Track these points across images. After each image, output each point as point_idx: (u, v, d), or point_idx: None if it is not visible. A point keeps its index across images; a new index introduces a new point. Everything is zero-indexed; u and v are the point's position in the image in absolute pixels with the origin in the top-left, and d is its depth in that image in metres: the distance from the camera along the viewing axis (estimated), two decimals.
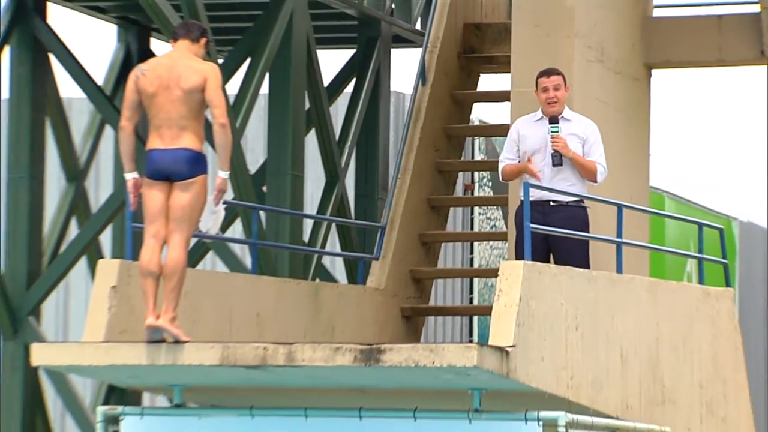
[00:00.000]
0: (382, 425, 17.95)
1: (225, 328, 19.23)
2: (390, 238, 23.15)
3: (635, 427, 19.12)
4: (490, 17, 24.08)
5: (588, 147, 20.21)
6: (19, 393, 23.36)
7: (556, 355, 18.08)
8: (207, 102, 17.99)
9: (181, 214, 17.73)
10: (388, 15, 24.98)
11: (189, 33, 18.96)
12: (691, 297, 21.92)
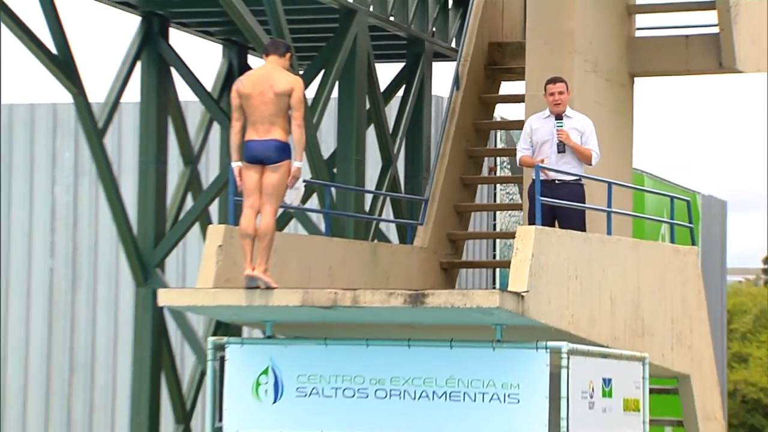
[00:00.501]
0: (425, 353, 18.17)
1: (305, 278, 19.47)
2: (431, 209, 23.35)
3: (621, 353, 19.30)
4: (509, 37, 24.25)
5: (585, 138, 20.41)
6: (148, 328, 23.51)
7: (559, 299, 18.26)
8: (291, 106, 18.32)
9: (270, 190, 18.06)
10: (430, 36, 25.10)
11: (277, 50, 19.23)
12: (664, 253, 22.13)
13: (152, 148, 23.59)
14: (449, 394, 17.88)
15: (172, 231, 23.93)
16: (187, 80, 24.03)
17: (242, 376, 18.73)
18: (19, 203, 30.62)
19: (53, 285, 30.54)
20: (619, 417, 18.98)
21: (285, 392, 18.44)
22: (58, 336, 30.38)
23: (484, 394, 17.86)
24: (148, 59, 23.69)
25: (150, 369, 23.59)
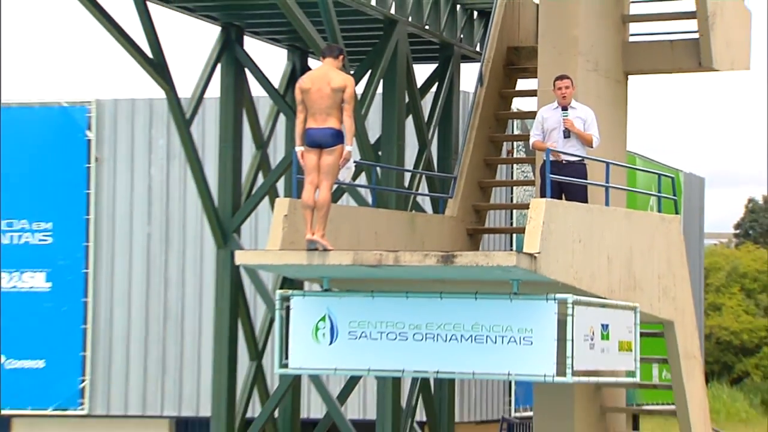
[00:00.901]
0: (454, 303, 18.24)
1: (355, 242, 19.45)
2: (459, 184, 23.28)
3: (616, 304, 19.26)
4: (524, 42, 24.16)
5: (587, 125, 20.35)
6: (227, 283, 23.47)
7: (565, 258, 18.23)
8: (344, 99, 18.40)
9: (327, 169, 18.12)
10: (458, 42, 24.99)
11: (332, 53, 19.26)
12: (652, 221, 22.16)
13: (230, 135, 23.60)
14: (474, 337, 18.05)
15: (246, 203, 23.93)
16: (259, 79, 23.98)
17: (304, 323, 18.86)
18: (123, 181, 30.62)
19: (150, 248, 30.54)
20: (614, 356, 19.05)
21: (339, 336, 18.58)
22: (154, 290, 30.36)
23: (503, 337, 18.01)
24: (226, 62, 23.68)
25: (229, 316, 23.58)
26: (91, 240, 30.60)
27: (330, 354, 18.90)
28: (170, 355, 30.15)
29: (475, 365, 18.47)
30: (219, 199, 23.66)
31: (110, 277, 30.63)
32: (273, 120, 24.62)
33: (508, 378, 21.21)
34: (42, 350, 30.53)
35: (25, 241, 30.74)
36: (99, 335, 30.48)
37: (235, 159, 23.82)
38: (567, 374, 17.81)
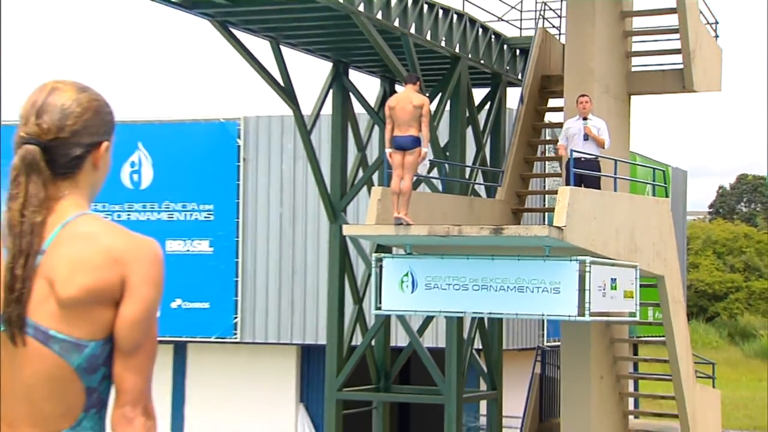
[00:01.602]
0: (503, 263, 18.28)
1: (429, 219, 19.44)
2: (506, 176, 23.09)
3: (622, 263, 19.08)
4: (554, 72, 23.89)
5: (600, 132, 20.18)
6: (337, 248, 23.37)
7: (584, 230, 18.09)
8: (422, 114, 18.23)
9: (408, 166, 17.99)
10: (505, 72, 24.70)
11: (412, 80, 19.14)
12: (649, 203, 22.08)
13: (338, 141, 23.66)
14: (517, 287, 18.41)
15: (350, 190, 23.89)
16: (359, 100, 23.88)
17: (392, 277, 19.08)
18: (262, 176, 30.54)
19: (282, 223, 30.45)
20: (620, 301, 19.25)
21: (417, 287, 18.85)
22: (285, 253, 30.29)
23: (538, 288, 18.28)
24: (336, 88, 23.58)
25: (338, 272, 23.48)
26: (240, 217, 30.67)
27: (411, 300, 19.26)
28: (297, 300, 30.07)
29: (517, 308, 18.97)
30: (331, 188, 23.53)
31: (254, 244, 30.61)
32: (369, 130, 24.52)
33: (542, 318, 21.80)
34: (207, 296, 30.64)
35: (195, 218, 30.83)
36: (246, 285, 30.46)
37: (342, 158, 23.76)
38: (585, 315, 18.34)
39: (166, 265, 4.24)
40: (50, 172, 4.20)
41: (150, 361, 4.17)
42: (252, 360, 31.12)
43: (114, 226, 4.29)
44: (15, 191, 4.17)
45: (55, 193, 4.23)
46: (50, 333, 4.08)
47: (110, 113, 4.37)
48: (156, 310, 4.21)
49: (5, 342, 4.08)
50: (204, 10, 20.49)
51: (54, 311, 4.09)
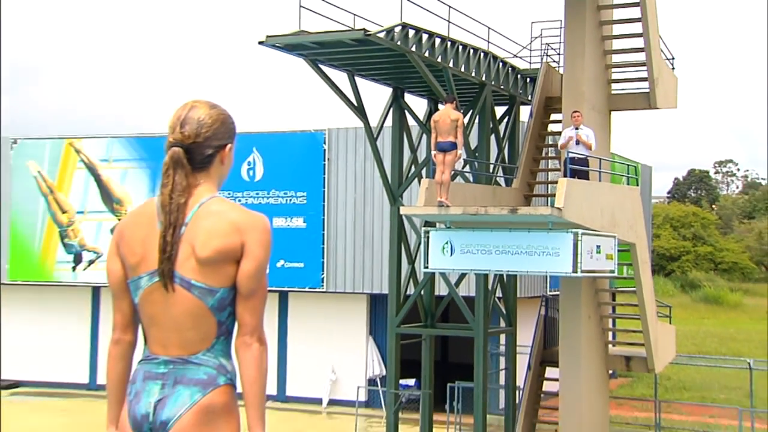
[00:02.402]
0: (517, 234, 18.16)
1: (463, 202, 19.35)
2: (520, 171, 22.96)
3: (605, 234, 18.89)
4: (555, 94, 23.73)
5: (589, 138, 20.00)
6: (396, 224, 23.39)
7: (578, 210, 17.94)
8: (458, 126, 18.13)
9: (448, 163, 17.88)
10: (519, 94, 24.49)
11: (450, 100, 19.02)
12: (624, 190, 21.84)
13: (396, 145, 23.70)
14: (527, 252, 18.42)
15: (405, 181, 23.81)
16: (412, 115, 23.78)
17: (436, 245, 19.04)
18: (341, 171, 30.55)
19: (356, 205, 30.37)
20: (603, 262, 19.11)
21: (455, 252, 18.85)
22: (358, 227, 30.32)
23: (543, 252, 18.24)
24: (395, 106, 23.60)
25: (397, 241, 23.53)
26: (325, 201, 30.69)
27: (450, 261, 19.26)
28: (367, 261, 30.03)
29: (528, 267, 18.90)
30: (391, 179, 23.49)
31: (335, 221, 30.60)
32: (419, 137, 24.43)
33: (545, 274, 21.62)
34: (302, 257, 30.67)
35: (293, 202, 30.85)
36: (330, 250, 30.42)
37: (399, 158, 23.73)
38: (578, 272, 18.31)
39: (272, 235, 4.46)
40: (190, 167, 4.50)
41: (262, 303, 4.45)
42: (334, 304, 31.16)
43: (236, 205, 4.54)
44: (165, 180, 4.44)
45: (193, 182, 4.49)
46: (192, 282, 4.37)
47: (232, 123, 4.65)
48: (266, 267, 4.46)
49: (160, 289, 4.38)
50: (300, 52, 20.48)
51: (194, 267, 4.36)
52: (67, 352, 34.05)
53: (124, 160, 33.16)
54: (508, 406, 24.29)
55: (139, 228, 4.47)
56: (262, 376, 4.34)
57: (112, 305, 4.58)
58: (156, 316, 4.41)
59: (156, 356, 4.43)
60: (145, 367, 4.44)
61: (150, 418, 4.32)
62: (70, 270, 33.77)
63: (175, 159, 4.43)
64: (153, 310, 4.41)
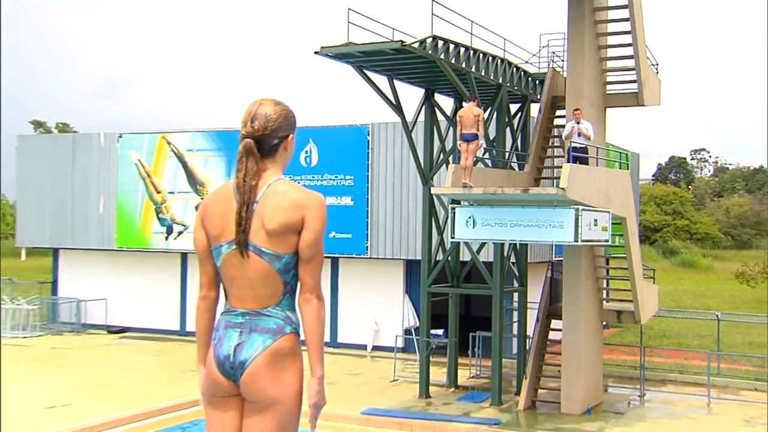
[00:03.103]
0: (528, 210, 17.83)
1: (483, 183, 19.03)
2: (530, 158, 22.71)
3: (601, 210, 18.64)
4: (560, 93, 23.37)
5: (588, 130, 19.75)
6: (428, 201, 23.22)
7: (579, 190, 17.71)
8: (479, 120, 17.95)
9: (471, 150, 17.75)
10: (530, 94, 24.21)
11: (472, 99, 18.84)
12: (617, 173, 21.43)
13: (428, 136, 23.45)
14: (537, 225, 18.00)
15: (435, 166, 23.72)
16: (441, 112, 23.55)
17: (461, 219, 18.73)
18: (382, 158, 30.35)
19: (394, 185, 30.00)
20: (599, 232, 18.71)
21: (476, 224, 18.49)
22: (396, 203, 30.13)
23: (550, 224, 17.84)
24: (426, 104, 23.43)
25: (428, 216, 23.37)
26: (369, 183, 30.44)
27: (472, 232, 18.90)
28: (403, 232, 29.88)
29: (537, 237, 18.68)
30: (423, 164, 23.35)
31: (377, 199, 30.39)
32: (447, 130, 24.11)
33: (552, 243, 20.90)
34: (350, 229, 30.59)
35: (342, 184, 30.68)
36: (372, 223, 30.28)
37: (430, 147, 23.55)
38: (578, 241, 17.85)
39: (327, 211, 4.50)
40: (260, 155, 4.53)
41: (319, 267, 4.51)
42: (376, 268, 31.08)
43: (297, 185, 4.55)
44: (240, 166, 4.48)
45: (262, 167, 4.53)
46: (262, 250, 4.43)
47: (294, 118, 4.66)
48: (322, 237, 4.51)
49: (237, 255, 4.45)
50: (348, 59, 20.43)
51: (264, 237, 4.41)
52: (162, 305, 34.37)
53: (206, 150, 33.24)
54: (520, 352, 24.20)
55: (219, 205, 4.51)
56: (320, 326, 4.45)
57: (198, 268, 4.68)
58: (234, 277, 4.49)
59: (235, 309, 4.52)
60: (226, 317, 4.54)
61: (231, 358, 4.43)
62: (164, 239, 33.98)
63: (247, 148, 4.46)
64: (232, 272, 4.49)
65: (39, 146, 37.58)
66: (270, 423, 4.40)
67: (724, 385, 24.34)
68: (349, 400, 21.03)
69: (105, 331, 34.78)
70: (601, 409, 21.88)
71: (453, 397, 22.75)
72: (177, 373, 25.08)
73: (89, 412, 19.67)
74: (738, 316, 31.54)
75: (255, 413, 4.42)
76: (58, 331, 34.50)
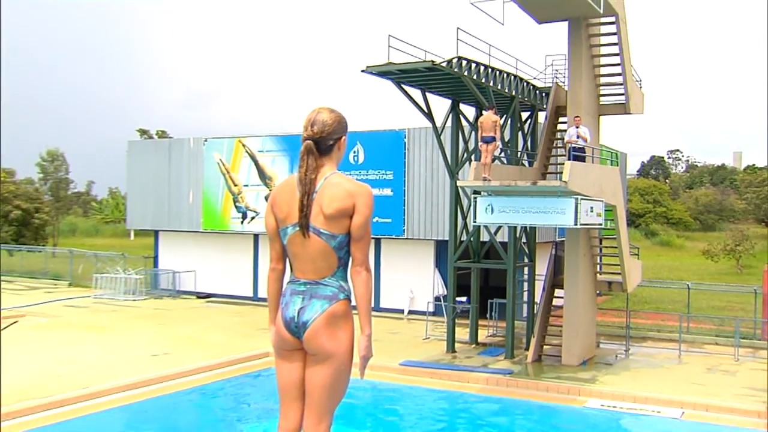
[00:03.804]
0: (538, 199, 17.50)
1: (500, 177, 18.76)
2: (539, 156, 22.24)
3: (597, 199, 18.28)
4: (562, 103, 22.87)
5: (585, 133, 19.29)
6: (454, 192, 22.85)
7: (579, 183, 17.34)
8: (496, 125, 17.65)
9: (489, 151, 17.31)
10: (538, 103, 23.82)
11: (491, 107, 18.37)
12: (609, 169, 20.91)
13: (454, 138, 22.80)
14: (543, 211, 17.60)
15: (460, 163, 23.17)
16: (465, 118, 23.12)
17: (481, 206, 18.34)
18: (417, 156, 29.98)
19: (426, 179, 29.63)
20: (595, 217, 18.32)
21: (494, 211, 18.05)
22: (427, 194, 29.82)
23: (554, 211, 17.42)
24: (453, 112, 22.94)
25: (454, 203, 23.01)
26: (406, 177, 30.09)
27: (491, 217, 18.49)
28: (433, 218, 29.57)
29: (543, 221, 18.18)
30: (450, 162, 22.98)
31: (412, 190, 30.07)
32: (470, 133, 23.71)
33: (555, 226, 20.46)
34: (389, 215, 30.26)
35: (383, 178, 30.40)
36: (408, 211, 30.06)
37: (456, 147, 23.04)
38: (578, 224, 17.36)
39: (374, 199, 4.49)
40: (318, 153, 4.47)
41: (367, 244, 4.52)
42: (412, 247, 30.90)
43: (349, 178, 4.52)
44: (302, 163, 4.43)
45: (320, 163, 4.47)
46: (321, 230, 4.39)
47: (345, 123, 4.59)
48: (370, 220, 4.50)
49: (300, 235, 4.41)
50: (388, 76, 20.22)
51: (322, 220, 4.37)
52: (238, 276, 34.54)
53: (273, 151, 33.24)
54: (529, 315, 23.96)
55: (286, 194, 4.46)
56: (368, 293, 4.47)
57: (269, 246, 4.67)
58: (297, 253, 4.45)
59: (298, 279, 4.49)
60: (291, 286, 4.52)
61: (295, 319, 4.43)
62: (239, 223, 34.11)
63: (308, 148, 4.42)
64: (295, 249, 4.45)
65: (143, 149, 38.02)
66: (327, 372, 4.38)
67: (692, 341, 24.50)
68: (390, 354, 20.99)
69: (194, 296, 35.02)
70: (594, 361, 21.68)
71: (474, 352, 22.60)
72: (251, 331, 25.19)
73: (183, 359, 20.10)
74: (704, 286, 31.49)
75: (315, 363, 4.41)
76: (158, 295, 34.89)
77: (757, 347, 23.57)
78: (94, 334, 24.00)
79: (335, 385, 4.42)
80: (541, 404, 17.44)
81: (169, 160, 36.13)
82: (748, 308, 27.58)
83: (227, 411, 16.53)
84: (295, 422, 4.47)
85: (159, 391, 17.23)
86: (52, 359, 19.79)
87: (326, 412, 4.41)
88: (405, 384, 18.87)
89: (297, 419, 4.47)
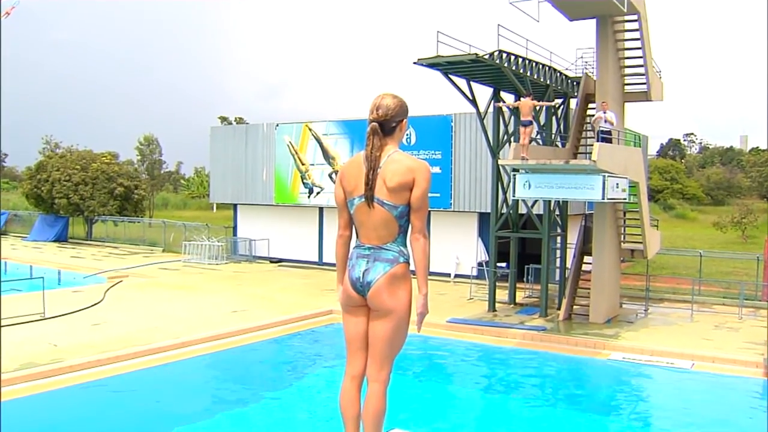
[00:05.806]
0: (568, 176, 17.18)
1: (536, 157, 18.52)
2: (571, 138, 21.77)
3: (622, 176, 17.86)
4: (591, 91, 22.25)
5: (612, 117, 18.79)
6: (495, 169, 22.59)
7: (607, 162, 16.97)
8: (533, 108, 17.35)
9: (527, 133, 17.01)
10: (570, 91, 23.27)
11: (528, 95, 18.03)
12: (634, 150, 20.48)
13: (496, 122, 22.47)
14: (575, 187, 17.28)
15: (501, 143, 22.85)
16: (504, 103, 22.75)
17: (521, 183, 18.07)
18: (462, 137, 29.57)
19: (471, 157, 29.28)
20: (620, 193, 18.04)
21: (532, 187, 17.80)
22: (472, 172, 29.42)
23: (585, 186, 17.05)
24: (494, 99, 22.51)
25: (495, 179, 22.77)
26: (453, 156, 29.76)
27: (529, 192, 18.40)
28: (477, 192, 29.25)
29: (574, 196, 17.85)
30: (492, 143, 22.61)
31: (458, 168, 29.73)
32: (509, 118, 23.26)
33: (585, 200, 19.88)
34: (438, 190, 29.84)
35: (433, 157, 30.01)
36: (455, 186, 29.76)
37: (497, 130, 22.60)
38: (605, 199, 17.08)
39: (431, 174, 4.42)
40: (382, 134, 4.43)
41: (425, 214, 4.40)
42: (458, 219, 30.60)
43: (410, 155, 4.46)
44: (368, 142, 4.38)
45: (384, 143, 4.43)
46: (384, 202, 4.34)
47: (406, 107, 4.54)
48: (427, 193, 4.39)
49: (365, 206, 4.36)
50: (437, 67, 19.98)
51: (386, 193, 4.32)
52: (306, 243, 34.83)
53: (336, 134, 33.26)
54: (561, 279, 23.64)
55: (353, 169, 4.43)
56: (425, 258, 4.37)
57: (337, 215, 4.61)
58: (363, 221, 4.41)
59: (363, 244, 4.45)
60: (357, 250, 4.48)
61: (361, 280, 4.39)
62: (306, 197, 34.35)
63: (373, 129, 4.39)
64: (361, 218, 4.41)
65: (224, 134, 38.45)
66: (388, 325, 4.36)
67: (703, 302, 24.31)
68: (439, 312, 20.98)
69: (267, 261, 35.39)
70: (618, 319, 21.41)
71: (512, 311, 22.46)
72: (317, 291, 25.41)
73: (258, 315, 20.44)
74: (714, 253, 31.32)
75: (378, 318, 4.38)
76: (237, 260, 35.35)
77: (758, 307, 23.62)
78: (184, 292, 24.53)
79: (395, 338, 4.41)
80: (570, 357, 17.41)
81: (246, 143, 36.46)
82: (752, 273, 27.34)
83: (298, 359, 16.89)
84: (360, 369, 4.48)
85: (238, 342, 17.66)
86: (150, 313, 20.39)
87: (387, 360, 4.41)
88: (452, 338, 18.91)
89: (361, 366, 4.48)
